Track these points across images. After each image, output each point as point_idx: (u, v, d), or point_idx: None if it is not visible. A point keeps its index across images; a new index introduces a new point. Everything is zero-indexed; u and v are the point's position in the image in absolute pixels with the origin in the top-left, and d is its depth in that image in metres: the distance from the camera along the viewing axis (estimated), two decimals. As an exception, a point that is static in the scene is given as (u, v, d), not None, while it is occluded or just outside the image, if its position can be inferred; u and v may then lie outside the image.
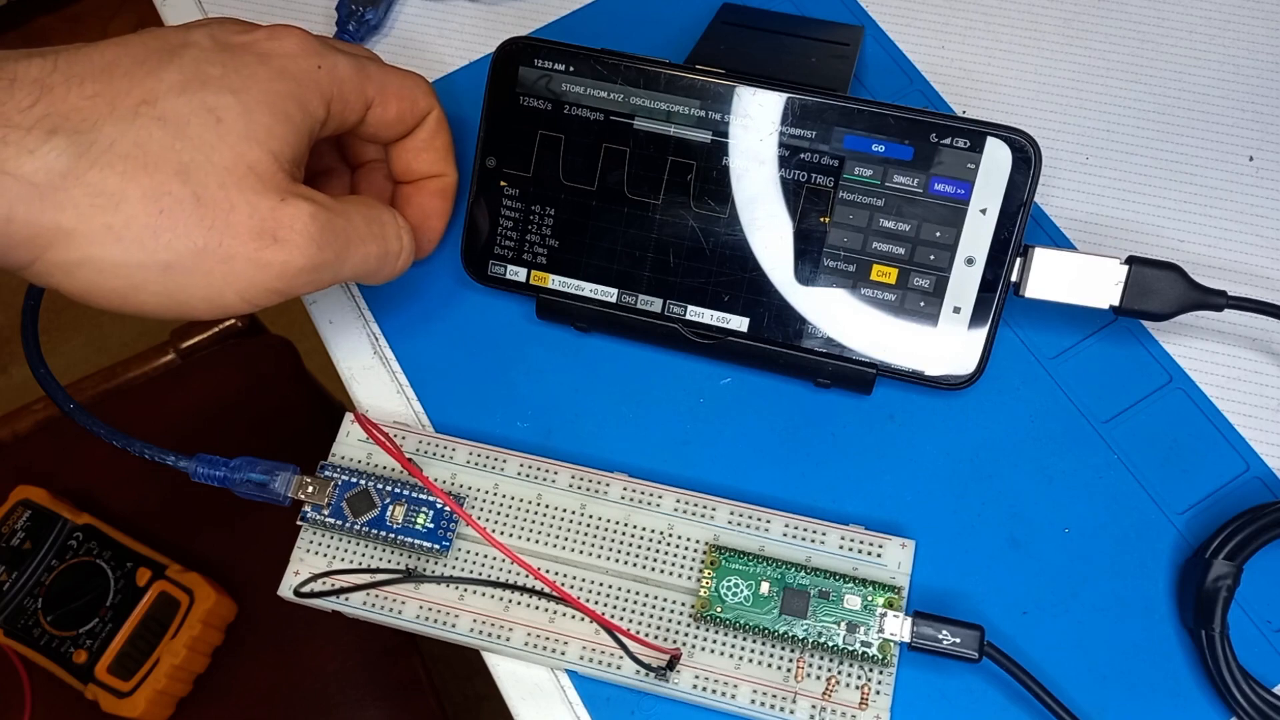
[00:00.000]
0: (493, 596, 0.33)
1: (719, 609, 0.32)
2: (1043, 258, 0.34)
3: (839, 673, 0.32)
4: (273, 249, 0.28)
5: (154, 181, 0.26)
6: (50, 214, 0.26)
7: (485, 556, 0.34)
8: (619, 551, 0.34)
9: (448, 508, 0.34)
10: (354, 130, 0.34)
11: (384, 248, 0.32)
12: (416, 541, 0.33)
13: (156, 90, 0.27)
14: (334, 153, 0.38)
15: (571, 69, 0.35)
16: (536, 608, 0.33)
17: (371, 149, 0.38)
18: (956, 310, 0.35)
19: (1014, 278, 0.34)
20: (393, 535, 0.34)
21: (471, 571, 0.34)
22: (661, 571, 0.33)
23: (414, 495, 0.34)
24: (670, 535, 0.34)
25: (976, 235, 0.34)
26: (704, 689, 0.32)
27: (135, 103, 0.27)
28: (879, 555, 0.33)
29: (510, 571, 0.33)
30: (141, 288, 0.27)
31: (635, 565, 0.33)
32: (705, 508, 0.34)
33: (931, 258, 0.34)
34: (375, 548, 0.34)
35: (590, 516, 0.34)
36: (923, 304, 0.35)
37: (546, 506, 0.34)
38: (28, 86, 0.26)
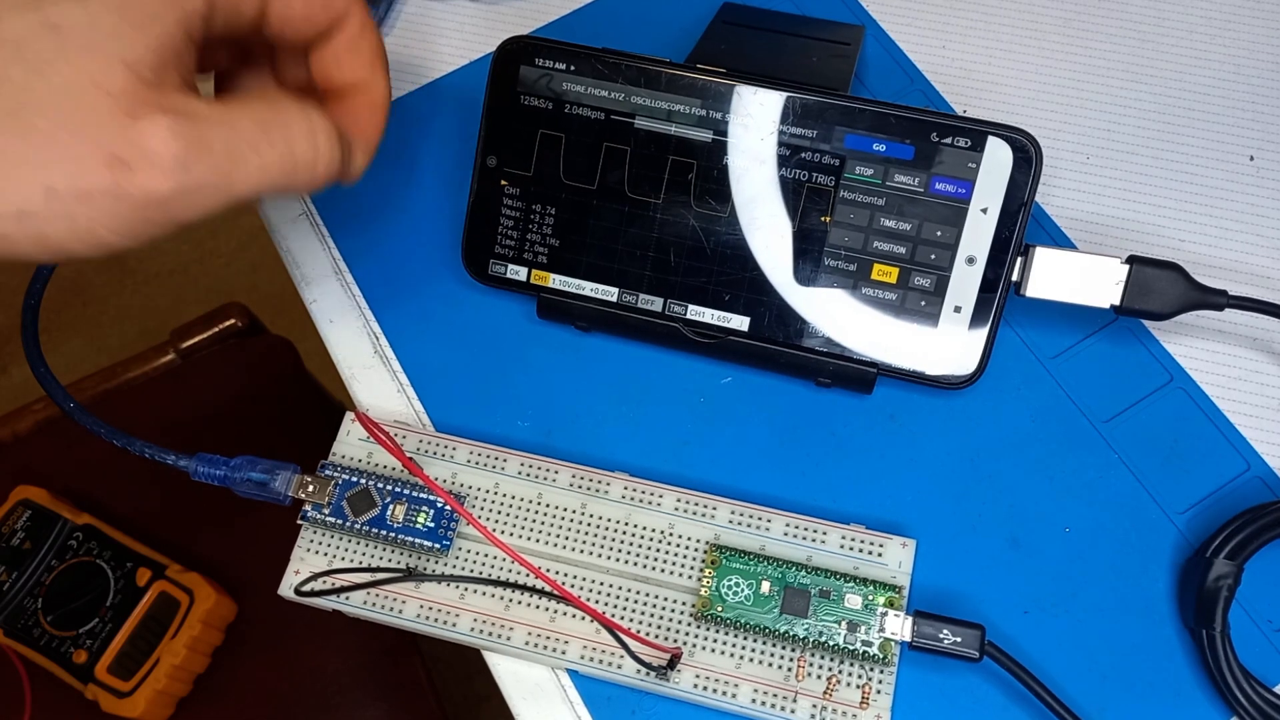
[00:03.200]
0: (493, 596, 0.33)
1: (720, 608, 0.32)
2: (1043, 257, 0.34)
3: (840, 672, 0.32)
4: (130, 177, 0.24)
5: None
6: None
7: (486, 556, 0.34)
8: (620, 551, 0.34)
9: (448, 507, 0.34)
10: (256, 30, 0.29)
11: (288, 153, 0.27)
12: (417, 540, 0.33)
13: None
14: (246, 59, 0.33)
15: (572, 68, 0.35)
16: (537, 607, 0.33)
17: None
18: (957, 310, 0.35)
19: (1015, 277, 0.34)
20: (393, 534, 0.34)
21: (472, 571, 0.34)
22: (662, 571, 0.33)
23: (414, 494, 0.34)
24: (671, 534, 0.34)
25: (977, 235, 0.34)
26: (705, 688, 0.32)
27: None
28: (880, 555, 0.33)
29: (511, 571, 0.33)
30: (5, 237, 0.25)
31: (636, 564, 0.33)
32: (706, 507, 0.34)
33: (932, 257, 0.34)
34: (376, 547, 0.34)
35: (591, 516, 0.34)
36: (923, 303, 0.35)
37: (547, 506, 0.34)
38: None
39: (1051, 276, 0.34)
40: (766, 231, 0.35)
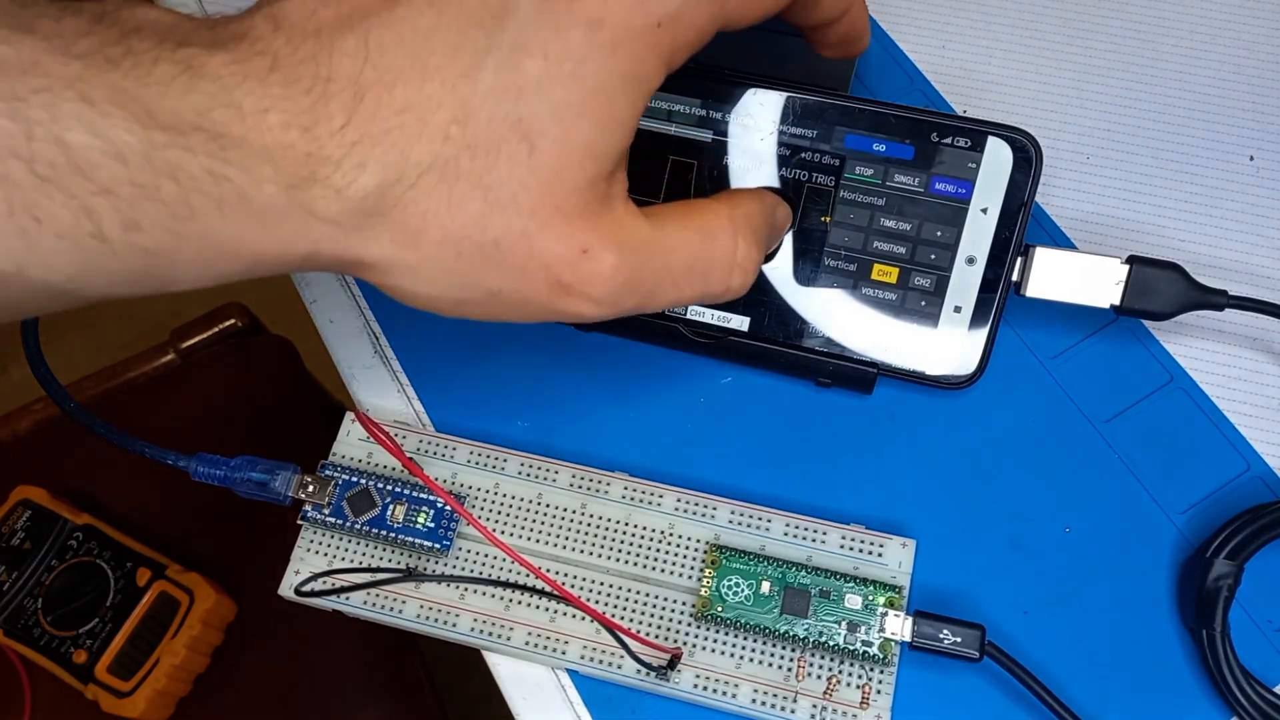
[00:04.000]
0: (493, 596, 0.33)
1: (720, 608, 0.32)
2: (1043, 257, 0.34)
3: (840, 672, 0.32)
4: (565, 301, 0.25)
5: (455, 224, 0.24)
6: (354, 249, 0.24)
7: (486, 556, 0.34)
8: (620, 551, 0.34)
9: (448, 507, 0.34)
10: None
11: (702, 291, 0.28)
12: (417, 541, 0.33)
13: (469, 103, 0.23)
14: None
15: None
16: (537, 607, 0.33)
17: None
18: (957, 310, 0.35)
19: (1015, 277, 0.34)
20: (393, 534, 0.34)
21: (472, 571, 0.34)
22: (662, 571, 0.33)
23: (415, 494, 0.34)
24: (671, 534, 0.34)
25: (977, 235, 0.34)
26: (705, 688, 0.32)
27: (446, 121, 0.23)
28: (880, 555, 0.33)
29: (511, 571, 0.33)
30: (437, 309, 0.26)
31: (636, 564, 0.33)
32: (706, 507, 0.34)
33: (932, 257, 0.34)
34: (376, 547, 0.34)
35: (591, 516, 0.34)
36: (923, 303, 0.35)
37: (547, 506, 0.34)
38: (341, 95, 0.22)
39: (1051, 276, 0.34)
40: (766, 231, 0.35)
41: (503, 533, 0.34)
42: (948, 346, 0.35)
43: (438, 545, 0.33)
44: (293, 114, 0.22)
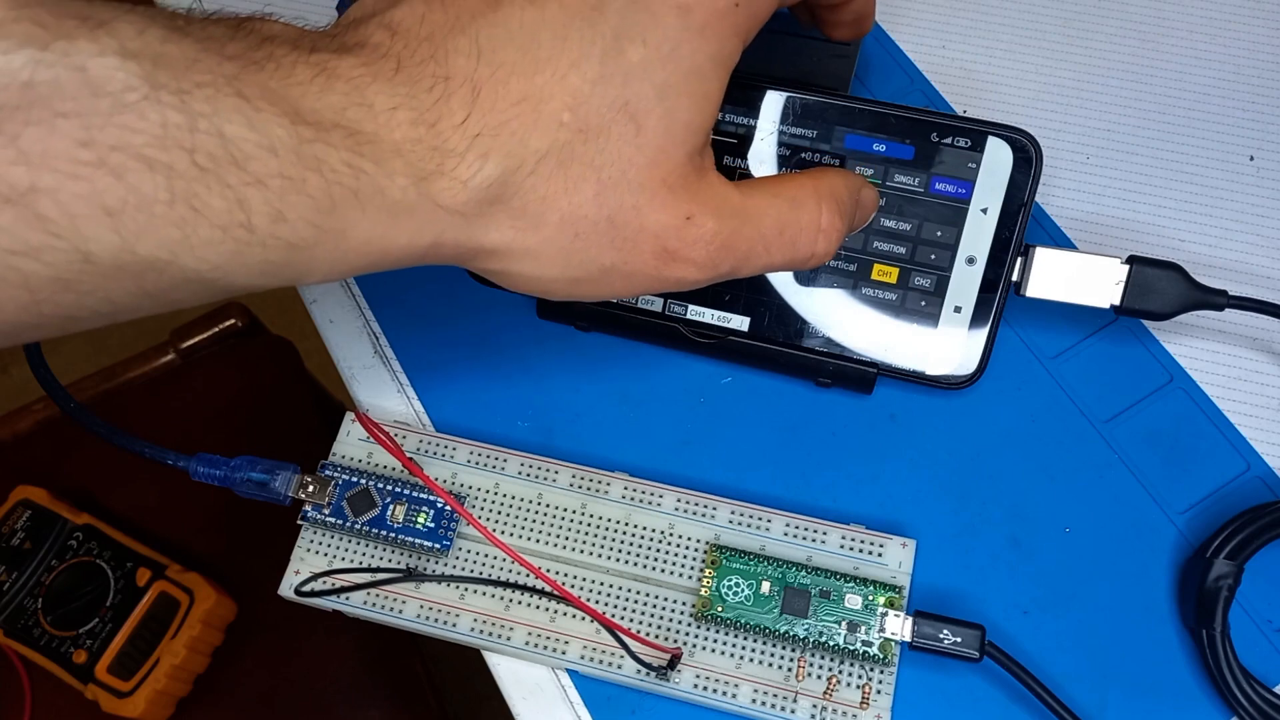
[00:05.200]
0: (493, 596, 0.33)
1: (720, 608, 0.32)
2: (1044, 257, 0.34)
3: (840, 672, 0.32)
4: (671, 267, 0.27)
5: (572, 205, 0.25)
6: (476, 236, 0.25)
7: (486, 556, 0.34)
8: (620, 551, 0.34)
9: (448, 507, 0.34)
10: None
11: (791, 255, 0.29)
12: (417, 541, 0.33)
13: (580, 91, 0.25)
14: None
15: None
16: (537, 607, 0.33)
17: None
18: (957, 310, 0.35)
19: (1015, 277, 0.34)
20: (393, 534, 0.34)
21: (472, 571, 0.34)
22: (662, 571, 0.33)
23: (414, 494, 0.34)
24: (671, 535, 0.34)
25: (977, 235, 0.34)
26: (705, 688, 0.32)
27: (559, 109, 0.25)
28: (880, 555, 0.33)
29: (511, 571, 0.33)
30: (551, 291, 0.27)
31: (636, 564, 0.33)
32: (706, 507, 0.34)
33: (932, 257, 0.34)
34: (376, 547, 0.34)
35: (591, 516, 0.34)
36: (924, 303, 0.35)
37: (547, 506, 0.34)
38: (460, 90, 0.24)
39: (1051, 276, 0.34)
40: (766, 231, 0.35)
41: (503, 533, 0.34)
42: (948, 346, 0.35)
43: (438, 545, 0.33)
44: (418, 111, 0.23)
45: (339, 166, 0.22)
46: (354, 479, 0.34)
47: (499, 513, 0.34)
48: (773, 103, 0.34)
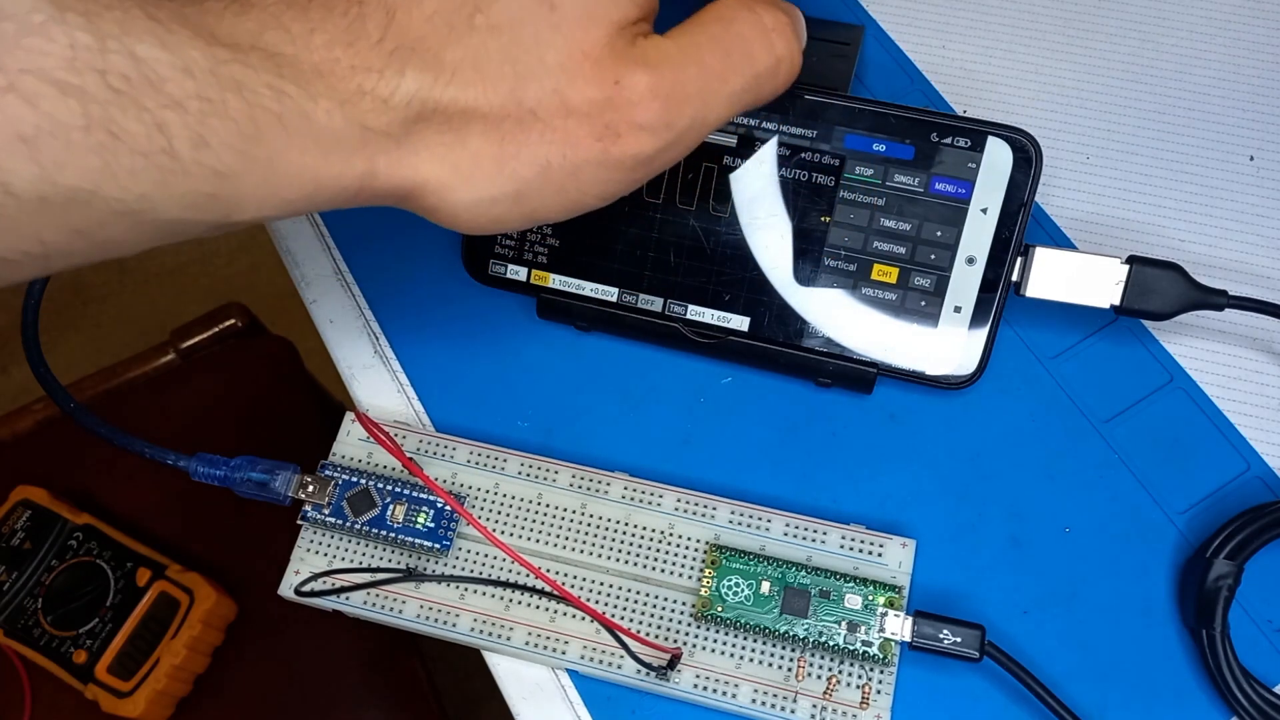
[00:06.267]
0: (493, 596, 0.33)
1: (720, 608, 0.32)
2: (1043, 257, 0.34)
3: (840, 672, 0.32)
4: (618, 143, 0.25)
5: (492, 107, 0.24)
6: (406, 166, 0.25)
7: (486, 556, 0.34)
8: (620, 551, 0.34)
9: (448, 507, 0.34)
10: None
11: (751, 73, 0.27)
12: (417, 541, 0.33)
13: None
14: None
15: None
16: (537, 607, 0.33)
17: None
18: (957, 310, 0.35)
19: (1015, 277, 0.34)
20: (393, 534, 0.34)
21: (472, 571, 0.34)
22: (662, 571, 0.33)
23: (414, 494, 0.34)
24: (671, 535, 0.34)
25: (977, 235, 0.34)
26: (705, 688, 0.32)
27: (470, 13, 0.24)
28: (880, 555, 0.33)
29: (511, 571, 0.33)
30: (500, 218, 0.26)
31: (636, 564, 0.33)
32: (706, 507, 0.34)
33: (932, 257, 0.34)
34: (376, 547, 0.34)
35: (591, 516, 0.34)
36: (923, 303, 0.35)
37: (547, 506, 0.34)
38: (375, 13, 0.24)
39: (1051, 276, 0.34)
40: (766, 231, 0.35)
41: (503, 533, 0.34)
42: (948, 346, 0.35)
43: (438, 545, 0.33)
44: (334, 34, 0.23)
45: (260, 89, 0.22)
46: (354, 479, 0.35)
47: (499, 513, 0.34)
48: (773, 103, 0.34)
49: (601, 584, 0.33)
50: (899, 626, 0.31)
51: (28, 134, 0.20)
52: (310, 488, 0.34)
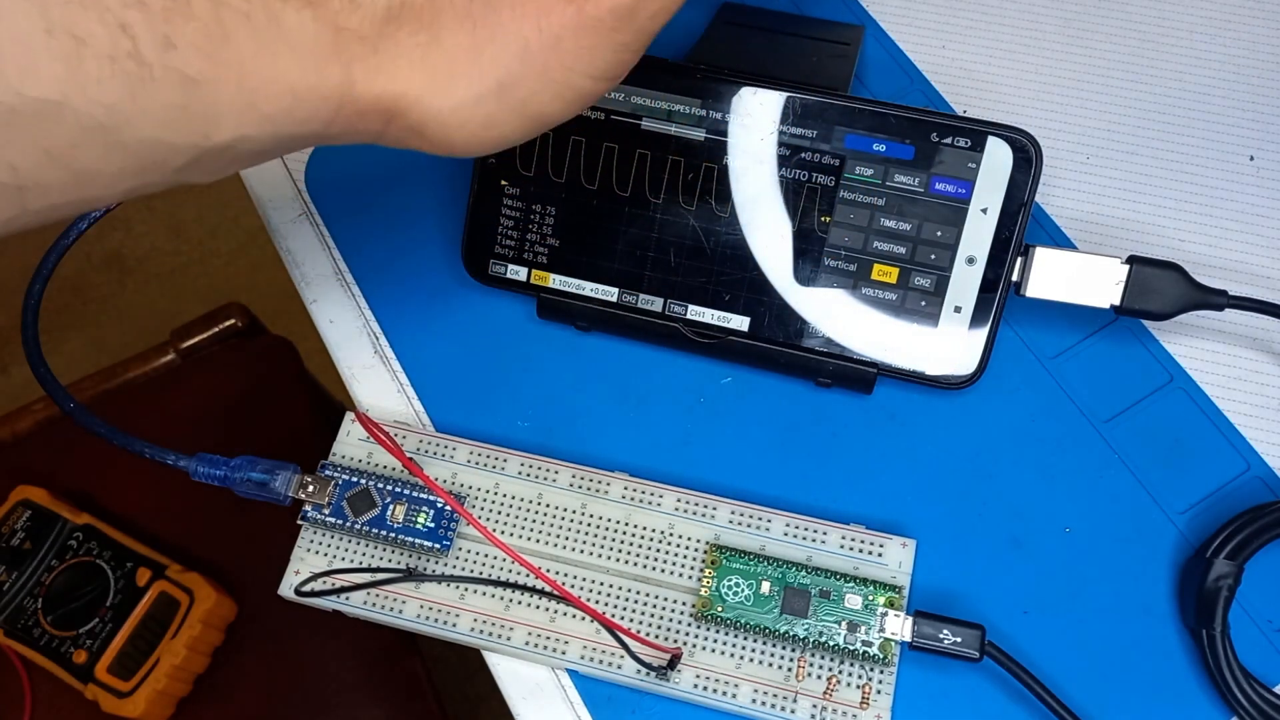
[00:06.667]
0: (493, 596, 0.33)
1: (720, 608, 0.32)
2: (1043, 257, 0.34)
3: (840, 672, 0.32)
4: (591, 1, 0.24)
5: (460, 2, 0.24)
6: (384, 74, 0.24)
7: (486, 556, 0.34)
8: (620, 551, 0.34)
9: (448, 507, 0.34)
10: None
11: None
12: (417, 541, 0.33)
13: None
14: None
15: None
16: (537, 607, 0.33)
17: None
18: (957, 310, 0.35)
19: (1015, 277, 0.34)
20: (393, 534, 0.34)
21: (472, 571, 0.34)
22: (662, 571, 0.33)
23: (414, 494, 0.34)
24: (671, 535, 0.34)
25: (977, 234, 0.34)
26: (705, 688, 0.32)
27: None
28: (880, 555, 0.33)
29: (511, 571, 0.33)
30: (491, 119, 0.25)
31: (636, 564, 0.33)
32: (706, 507, 0.34)
33: (932, 257, 0.34)
34: (376, 547, 0.34)
35: (591, 516, 0.34)
36: (923, 303, 0.35)
37: (547, 506, 0.34)
38: None
39: (1051, 276, 0.34)
40: (766, 231, 0.35)
41: (503, 533, 0.34)
42: (948, 346, 0.35)
43: (438, 545, 0.33)
44: None
45: None
46: (354, 479, 0.34)
47: (499, 513, 0.34)
48: (773, 103, 0.34)
49: (601, 584, 0.33)
50: (899, 626, 0.31)
51: None
52: (310, 488, 0.34)
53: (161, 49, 0.21)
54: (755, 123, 0.35)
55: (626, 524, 0.34)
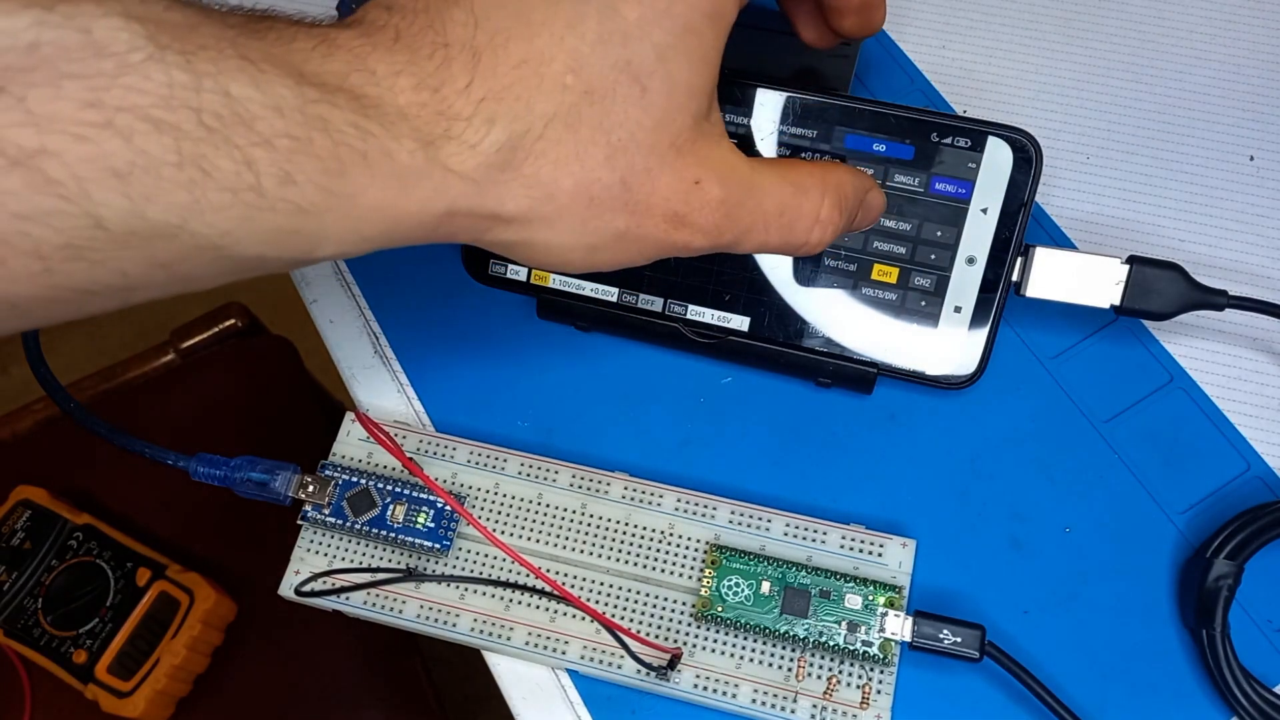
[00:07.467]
0: (493, 596, 0.33)
1: (720, 608, 0.32)
2: (1044, 257, 0.34)
3: (840, 672, 0.32)
4: (679, 231, 0.27)
5: (585, 170, 0.25)
6: (490, 204, 0.25)
7: (486, 556, 0.34)
8: (620, 551, 0.34)
9: (448, 507, 0.34)
10: None
11: (786, 239, 0.29)
12: (417, 541, 0.33)
13: (579, 52, 0.25)
14: None
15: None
16: (537, 607, 0.33)
17: None
18: (957, 310, 0.35)
19: (1015, 277, 0.34)
20: (393, 534, 0.34)
21: (472, 571, 0.34)
22: (662, 571, 0.33)
23: (415, 494, 0.34)
24: (671, 535, 0.34)
25: (977, 235, 0.34)
26: (705, 688, 0.32)
27: (561, 72, 0.25)
28: (880, 555, 0.33)
29: (511, 571, 0.33)
30: (569, 262, 0.27)
31: (636, 564, 0.33)
32: (706, 507, 0.34)
33: (932, 257, 0.34)
34: (376, 547, 0.34)
35: (591, 516, 0.34)
36: (924, 303, 0.35)
37: (547, 506, 0.34)
38: (460, 55, 0.24)
39: (1051, 276, 0.34)
40: (766, 231, 0.35)
41: (503, 533, 0.34)
42: (948, 346, 0.35)
43: (438, 545, 0.33)
44: (420, 77, 0.23)
45: (345, 128, 0.22)
46: (354, 479, 0.34)
47: (499, 513, 0.34)
48: (773, 103, 0.34)
49: (601, 584, 0.33)
50: (899, 626, 0.31)
51: (121, 169, 0.20)
52: (310, 488, 0.34)
53: (281, 184, 0.22)
54: (755, 123, 0.35)
55: (627, 524, 0.34)
